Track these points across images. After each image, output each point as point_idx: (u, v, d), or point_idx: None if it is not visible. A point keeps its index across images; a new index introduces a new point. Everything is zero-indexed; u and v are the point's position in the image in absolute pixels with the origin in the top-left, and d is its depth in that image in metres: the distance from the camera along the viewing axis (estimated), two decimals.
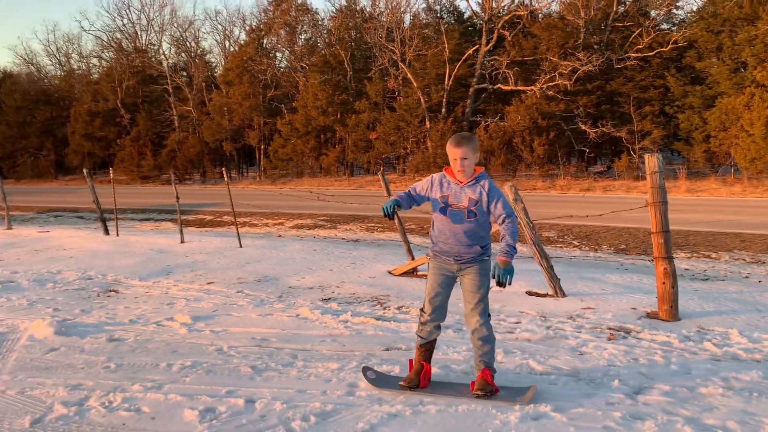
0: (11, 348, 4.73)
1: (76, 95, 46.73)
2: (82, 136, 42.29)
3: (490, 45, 31.51)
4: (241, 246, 9.84)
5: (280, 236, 13.58)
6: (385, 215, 3.65)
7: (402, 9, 35.74)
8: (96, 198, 11.91)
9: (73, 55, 52.49)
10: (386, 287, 6.78)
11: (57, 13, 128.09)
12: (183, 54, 45.29)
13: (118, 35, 47.45)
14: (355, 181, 31.82)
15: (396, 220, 7.87)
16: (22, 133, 46.06)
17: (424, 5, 36.92)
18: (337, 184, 31.05)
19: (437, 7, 35.67)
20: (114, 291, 6.83)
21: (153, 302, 6.22)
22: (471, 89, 32.23)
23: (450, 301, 3.89)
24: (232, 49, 44.66)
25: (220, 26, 47.23)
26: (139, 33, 47.42)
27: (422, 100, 31.41)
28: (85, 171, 12.64)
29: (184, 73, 44.09)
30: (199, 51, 45.21)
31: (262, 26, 39.99)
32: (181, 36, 45.20)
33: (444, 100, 31.94)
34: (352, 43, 36.76)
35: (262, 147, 38.27)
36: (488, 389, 3.52)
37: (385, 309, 5.84)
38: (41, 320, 5.32)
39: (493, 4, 32.00)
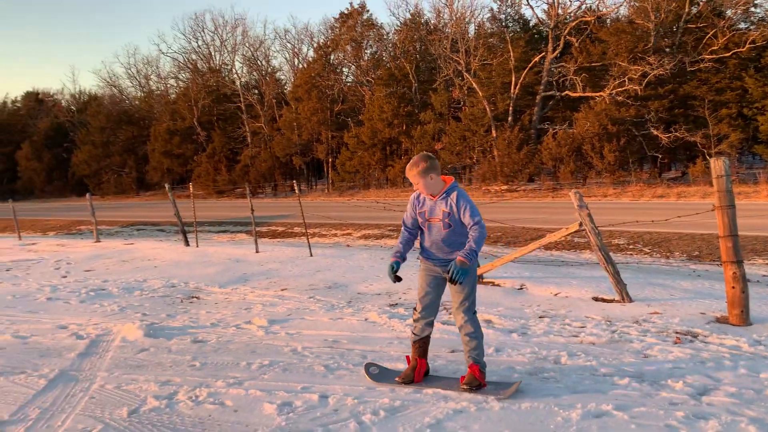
0: (107, 348, 5.17)
1: (156, 115, 49.12)
2: (161, 154, 44.40)
3: (557, 52, 31.18)
4: (311, 255, 10.21)
5: (348, 246, 13.93)
6: (393, 281, 4.00)
7: (466, 20, 35.93)
8: (177, 212, 12.60)
9: (152, 76, 55.26)
10: None
11: (137, 37, 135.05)
12: (254, 72, 46.93)
13: (194, 56, 49.70)
14: None
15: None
16: (106, 152, 48.81)
17: (488, 15, 36.94)
18: (404, 195, 31.32)
19: (502, 17, 35.61)
20: (196, 297, 7.28)
21: (232, 307, 6.61)
22: (538, 97, 31.94)
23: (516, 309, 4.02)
24: (300, 66, 45.93)
25: (289, 44, 48.42)
26: (213, 54, 49.49)
27: (488, 109, 31.36)
28: (166, 186, 13.38)
29: (256, 91, 45.64)
30: (269, 69, 46.72)
31: (329, 43, 41.00)
32: (253, 55, 46.87)
33: (510, 108, 31.78)
34: (417, 56, 37.13)
35: (330, 160, 39.11)
36: (475, 383, 3.78)
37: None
38: (132, 324, 5.78)
39: (560, 11, 31.68)
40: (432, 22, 38.38)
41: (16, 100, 65.20)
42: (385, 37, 39.82)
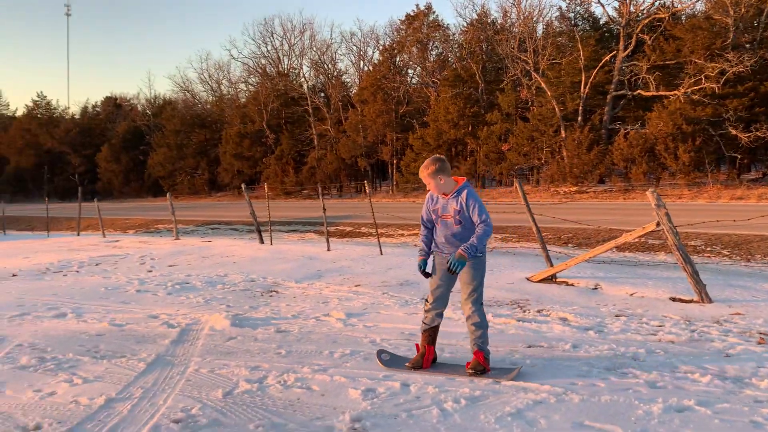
0: (197, 336, 5.50)
1: (227, 118, 50.71)
2: (232, 156, 45.80)
3: (629, 50, 30.39)
4: (381, 253, 10.42)
5: (415, 245, 14.08)
6: (424, 277, 4.41)
7: (534, 19, 35.49)
8: (253, 211, 13.07)
9: (223, 81, 57.09)
10: (525, 292, 6.97)
11: (209, 43, 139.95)
12: (321, 76, 47.79)
13: (263, 61, 51.06)
14: (487, 192, 31.85)
15: (535, 233, 8.02)
16: (180, 154, 50.75)
17: (557, 14, 36.39)
18: None
19: (571, 15, 34.99)
20: (275, 291, 7.59)
21: (310, 301, 6.88)
22: (609, 96, 31.22)
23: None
24: (366, 68, 46.47)
25: (354, 47, 49.03)
26: (281, 58, 50.71)
27: (557, 109, 30.88)
28: (243, 187, 13.88)
29: (322, 94, 46.48)
30: (335, 72, 47.49)
31: (394, 45, 41.32)
32: (320, 59, 47.75)
33: (580, 108, 31.19)
34: (484, 56, 36.93)
35: (395, 162, 39.40)
36: (479, 368, 4.09)
37: (525, 311, 6.06)
38: (218, 314, 6.12)
39: (631, 9, 30.86)
40: (499, 21, 38.14)
41: (96, 105, 68.71)
42: (450, 38, 39.83)
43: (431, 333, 4.36)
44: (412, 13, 39.99)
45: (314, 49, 48.28)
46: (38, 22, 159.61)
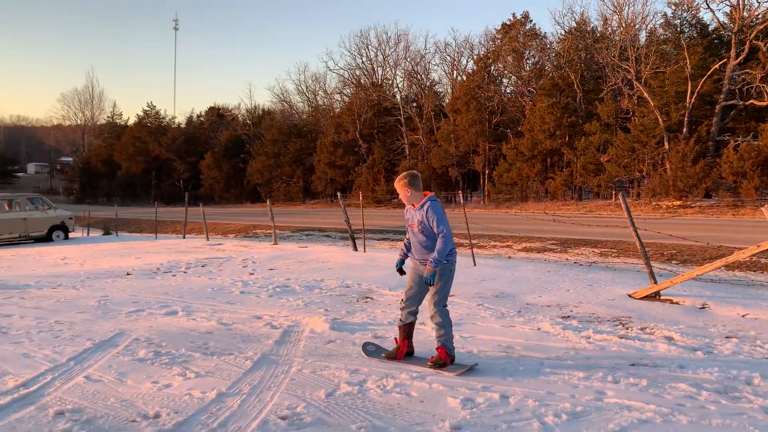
0: (298, 338, 5.71)
1: (322, 128, 52.05)
2: (326, 165, 46.94)
3: (741, 57, 28.66)
4: (475, 264, 10.37)
5: (509, 257, 13.90)
6: (400, 273, 5.08)
7: (637, 26, 34.17)
8: (347, 218, 13.36)
9: (319, 92, 58.66)
10: (627, 309, 6.75)
11: (307, 55, 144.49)
12: (414, 86, 48.15)
13: (358, 72, 52.10)
14: (584, 205, 30.91)
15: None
16: (277, 162, 52.54)
17: (661, 21, 34.81)
18: (565, 208, 30.44)
19: (677, 22, 33.44)
20: (369, 298, 7.74)
21: None
22: (717, 106, 29.56)
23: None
24: (459, 78, 46.41)
25: (448, 57, 49.01)
26: (375, 69, 51.56)
27: (660, 119, 29.57)
28: (339, 195, 14.22)
29: (415, 104, 46.81)
30: (428, 82, 47.72)
31: (489, 54, 41.03)
32: (413, 69, 48.15)
33: (685, 119, 29.72)
34: (582, 64, 35.96)
35: (487, 172, 39.04)
36: (440, 362, 4.62)
37: (627, 329, 5.87)
38: (318, 318, 6.32)
39: (745, 14, 29.13)
40: (599, 29, 37.01)
41: (200, 115, 72.37)
42: (548, 46, 39.08)
43: (406, 329, 4.92)
44: (508, 22, 39.62)
45: (408, 59, 48.76)
46: (149, 36, 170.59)
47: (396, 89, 48.43)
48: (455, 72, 48.34)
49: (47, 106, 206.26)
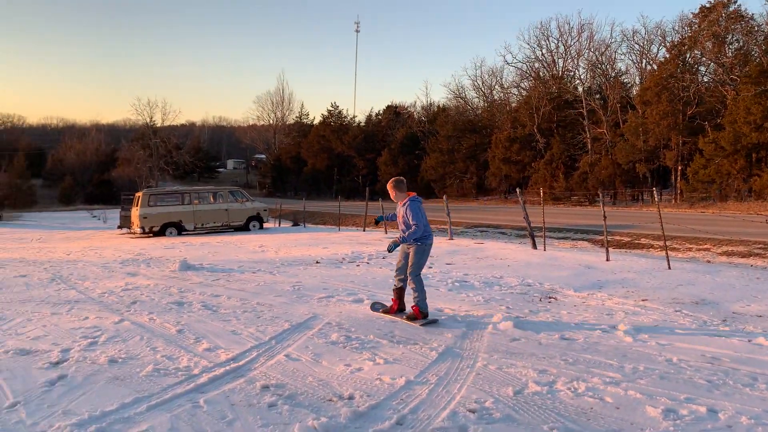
0: (481, 334, 5.69)
1: (497, 123, 51.44)
2: (500, 161, 46.33)
3: None
4: (669, 268, 9.62)
5: (708, 261, 12.70)
6: (389, 251, 6.54)
7: None
8: (526, 215, 13.08)
9: (495, 86, 57.99)
10: None
11: (485, 50, 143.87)
12: (598, 77, 45.77)
13: (537, 65, 50.70)
14: None
15: None
16: (451, 158, 52.89)
17: None
18: None
19: None
20: (553, 298, 7.50)
21: (592, 311, 6.65)
22: None
23: None
24: (649, 67, 43.28)
25: (637, 45, 45.84)
26: (556, 61, 49.81)
27: None
28: (518, 191, 13.97)
29: (598, 96, 44.49)
30: (614, 73, 45.08)
31: (685, 40, 37.73)
32: (597, 59, 45.77)
33: None
34: None
35: (680, 168, 35.98)
36: (412, 317, 6.20)
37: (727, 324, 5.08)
38: (500, 314, 6.25)
39: None
40: None
41: (378, 114, 75.02)
42: (755, 29, 34.99)
43: (398, 292, 6.52)
44: (708, 5, 36.09)
45: (591, 49, 46.48)
46: (333, 40, 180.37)
47: (578, 81, 46.47)
48: (644, 61, 45.20)
49: (244, 108, 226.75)
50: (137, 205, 21.81)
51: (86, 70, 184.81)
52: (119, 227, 26.49)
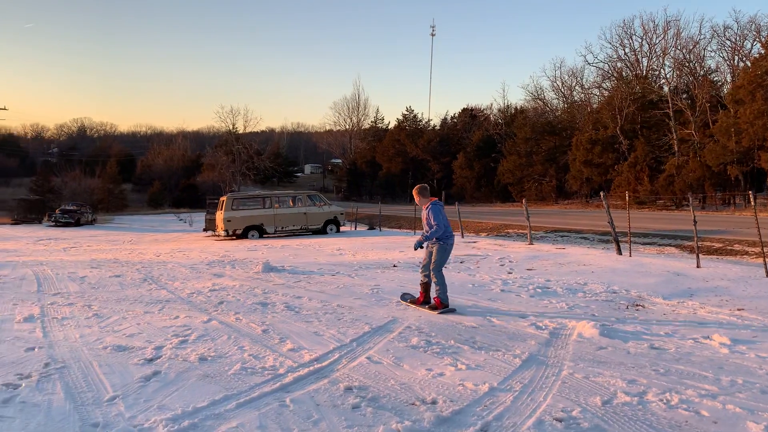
0: (566, 341, 5.55)
1: (577, 125, 50.08)
2: (581, 163, 45.06)
3: None
4: (767, 276, 9.06)
5: None
6: (415, 249, 7.45)
7: None
8: (611, 219, 12.67)
9: (575, 87, 56.54)
10: None
11: (564, 50, 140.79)
12: (685, 76, 43.79)
13: (619, 64, 49.05)
14: None
15: None
16: (529, 161, 51.91)
17: None
18: None
19: None
20: (640, 306, 7.22)
21: (683, 320, 6.35)
22: None
23: None
24: (742, 64, 41.00)
25: (728, 42, 43.52)
26: (640, 60, 48.03)
27: None
28: (602, 194, 13.55)
29: (686, 95, 42.55)
30: (702, 71, 42.99)
31: None
32: (684, 57, 43.80)
33: None
34: None
35: None
36: (434, 306, 6.94)
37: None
38: (585, 322, 6.07)
39: None
40: None
41: (454, 117, 74.69)
42: None
43: (424, 286, 7.21)
44: None
45: (678, 47, 44.49)
46: (408, 44, 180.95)
47: (663, 80, 44.57)
48: (737, 58, 42.87)
49: (321, 114, 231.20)
50: (221, 209, 22.63)
51: (173, 80, 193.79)
52: (204, 230, 27.55)
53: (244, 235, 22.25)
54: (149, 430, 3.62)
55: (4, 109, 55.65)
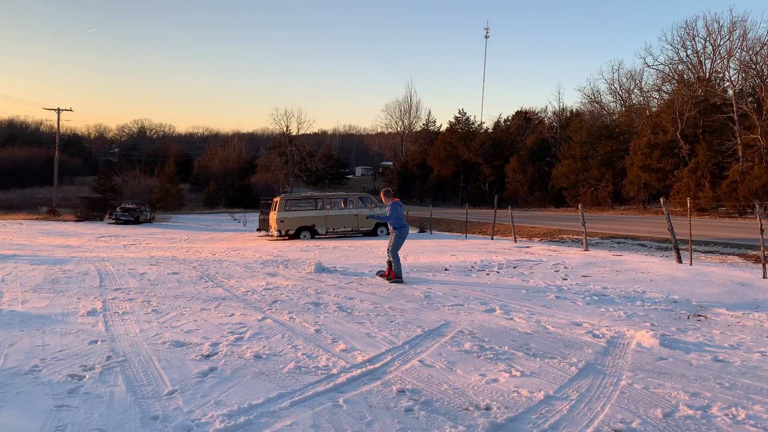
0: (624, 351, 5.40)
1: (635, 129, 48.77)
2: (639, 168, 43.86)
3: None
4: None
5: None
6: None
7: None
8: (671, 226, 12.29)
9: (634, 90, 55.10)
10: None
11: (623, 52, 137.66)
12: (751, 78, 42.11)
13: (680, 67, 47.53)
14: None
15: None
16: (584, 165, 50.85)
17: None
18: None
19: None
20: (702, 316, 6.96)
21: (749, 332, 6.10)
22: None
23: None
24: None
25: None
26: (702, 62, 46.43)
27: None
28: (662, 201, 13.17)
29: (752, 99, 40.91)
30: None
31: None
32: (751, 59, 42.10)
33: None
34: None
35: None
36: (390, 278, 9.65)
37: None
38: (644, 331, 5.89)
39: None
40: None
41: (507, 120, 73.94)
42: None
43: (389, 264, 9.75)
44: None
45: (744, 49, 42.77)
46: (461, 46, 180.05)
47: (727, 83, 42.91)
48: None
49: (373, 116, 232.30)
50: (275, 210, 23.01)
51: (229, 83, 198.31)
52: (258, 230, 28.06)
53: (296, 236, 22.55)
54: (206, 425, 3.69)
55: (70, 110, 57.84)
